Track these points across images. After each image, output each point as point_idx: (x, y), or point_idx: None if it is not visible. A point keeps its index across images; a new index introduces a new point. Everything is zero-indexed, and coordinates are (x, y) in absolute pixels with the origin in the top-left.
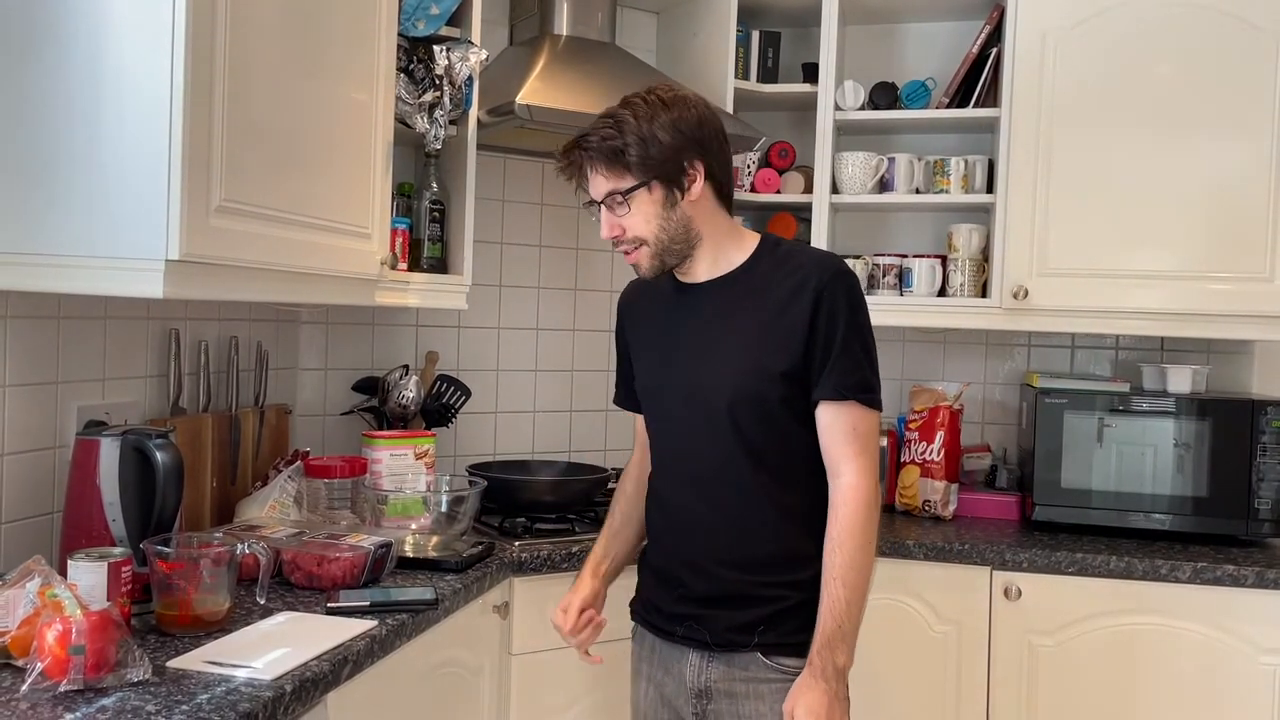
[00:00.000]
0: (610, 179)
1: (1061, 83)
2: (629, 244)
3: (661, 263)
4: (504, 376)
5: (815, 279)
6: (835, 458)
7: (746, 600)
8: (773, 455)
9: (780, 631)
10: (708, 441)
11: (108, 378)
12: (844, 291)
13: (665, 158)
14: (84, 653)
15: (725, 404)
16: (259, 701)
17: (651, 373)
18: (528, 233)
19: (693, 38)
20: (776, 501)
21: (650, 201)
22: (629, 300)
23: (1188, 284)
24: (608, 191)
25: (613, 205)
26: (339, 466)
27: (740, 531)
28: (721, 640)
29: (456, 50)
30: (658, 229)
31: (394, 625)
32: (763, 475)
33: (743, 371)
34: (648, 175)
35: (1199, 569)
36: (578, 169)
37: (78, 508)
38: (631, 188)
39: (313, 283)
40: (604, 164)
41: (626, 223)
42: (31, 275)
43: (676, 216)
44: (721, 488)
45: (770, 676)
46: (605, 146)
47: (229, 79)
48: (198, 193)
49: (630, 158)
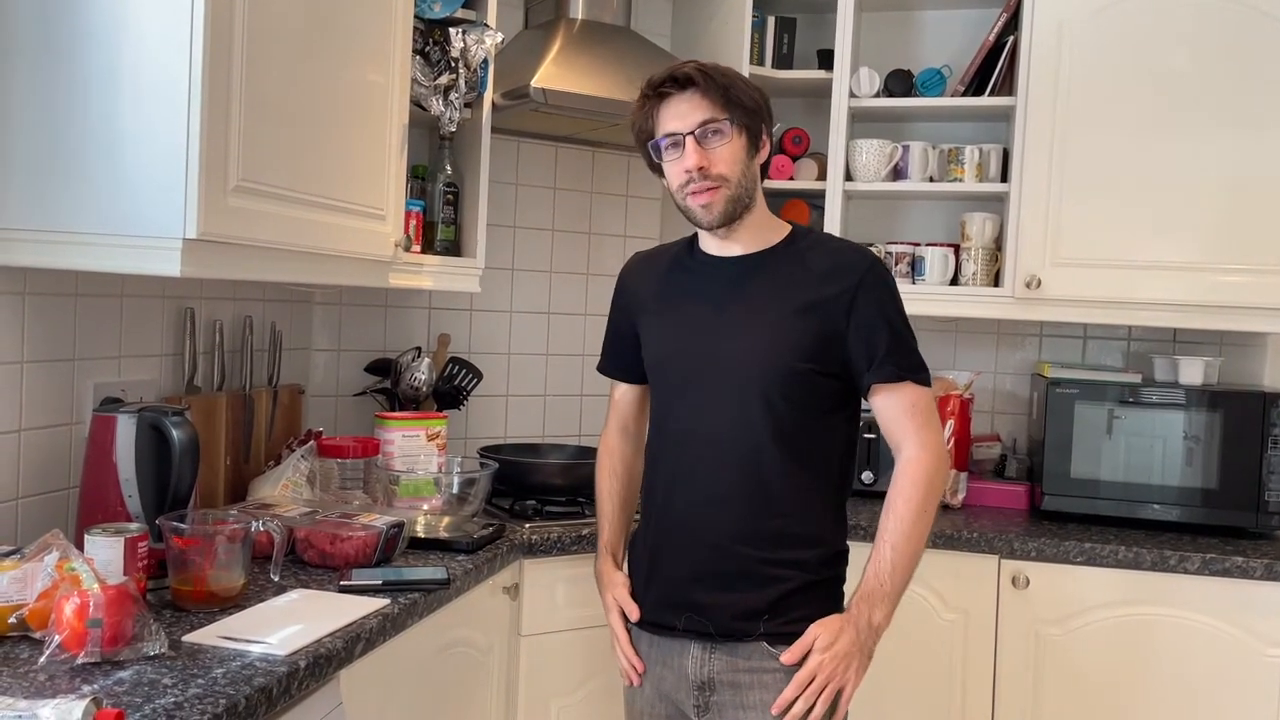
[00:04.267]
0: (714, 108)
1: (1078, 72)
2: (713, 180)
3: (733, 209)
4: (515, 360)
5: (855, 266)
6: (897, 435)
7: (752, 580)
8: (793, 430)
9: (785, 619)
10: (728, 412)
11: (124, 355)
12: (884, 280)
13: (756, 112)
14: (101, 626)
15: (755, 374)
16: (273, 676)
17: (674, 342)
18: (540, 216)
19: (708, 22)
20: (792, 476)
21: (739, 144)
22: (636, 270)
23: (1201, 276)
24: (707, 119)
25: (708, 135)
26: (352, 447)
27: (753, 504)
28: (725, 629)
29: (472, 33)
30: (740, 173)
31: (406, 604)
32: (780, 449)
33: (771, 344)
34: (745, 119)
35: (1208, 560)
36: (679, 85)
37: (94, 484)
38: (731, 120)
39: (327, 263)
40: (715, 92)
41: (716, 155)
42: (51, 252)
43: (751, 170)
44: (738, 459)
45: (775, 666)
46: (717, 76)
47: (246, 60)
48: (215, 172)
49: (737, 95)
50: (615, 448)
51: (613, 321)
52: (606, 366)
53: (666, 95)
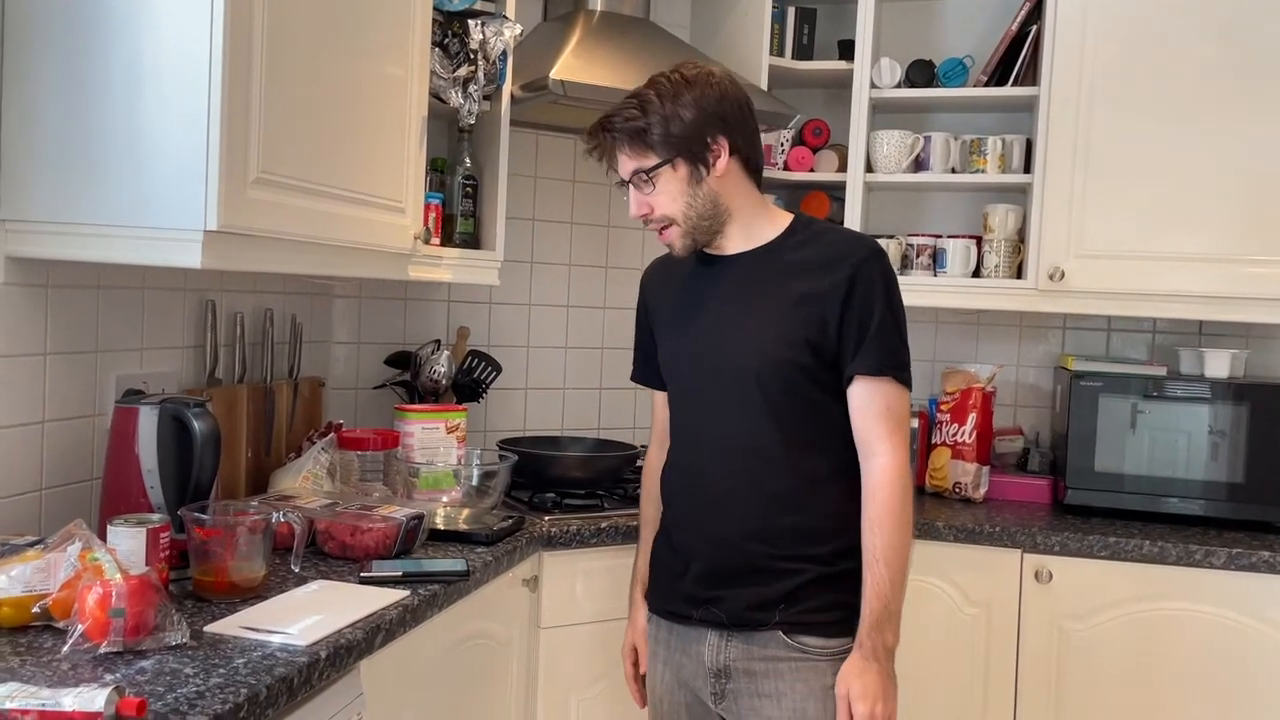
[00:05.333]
0: (635, 158)
1: (1102, 62)
2: (658, 222)
3: (693, 240)
4: (534, 353)
5: (851, 255)
6: (870, 437)
7: (765, 575)
8: (797, 424)
9: (801, 609)
10: (732, 409)
11: (145, 348)
12: (880, 270)
13: (688, 135)
14: (124, 616)
15: (752, 370)
16: (294, 666)
17: (677, 343)
18: (559, 209)
19: (728, 13)
20: (799, 471)
21: (675, 179)
22: (651, 276)
23: (1227, 267)
24: (633, 170)
25: (640, 184)
26: (372, 439)
27: (762, 501)
28: (740, 619)
29: (491, 25)
30: (685, 206)
31: (426, 595)
32: (786, 444)
33: (770, 338)
34: (671, 153)
35: (1234, 555)
36: (605, 149)
37: (116, 475)
38: (655, 166)
39: (347, 256)
40: (628, 144)
41: (654, 201)
42: (73, 244)
43: (704, 193)
44: (745, 456)
45: (791, 655)
46: (629, 126)
47: (266, 53)
48: (235, 165)
49: (653, 136)
50: (656, 467)
51: (637, 328)
52: (637, 374)
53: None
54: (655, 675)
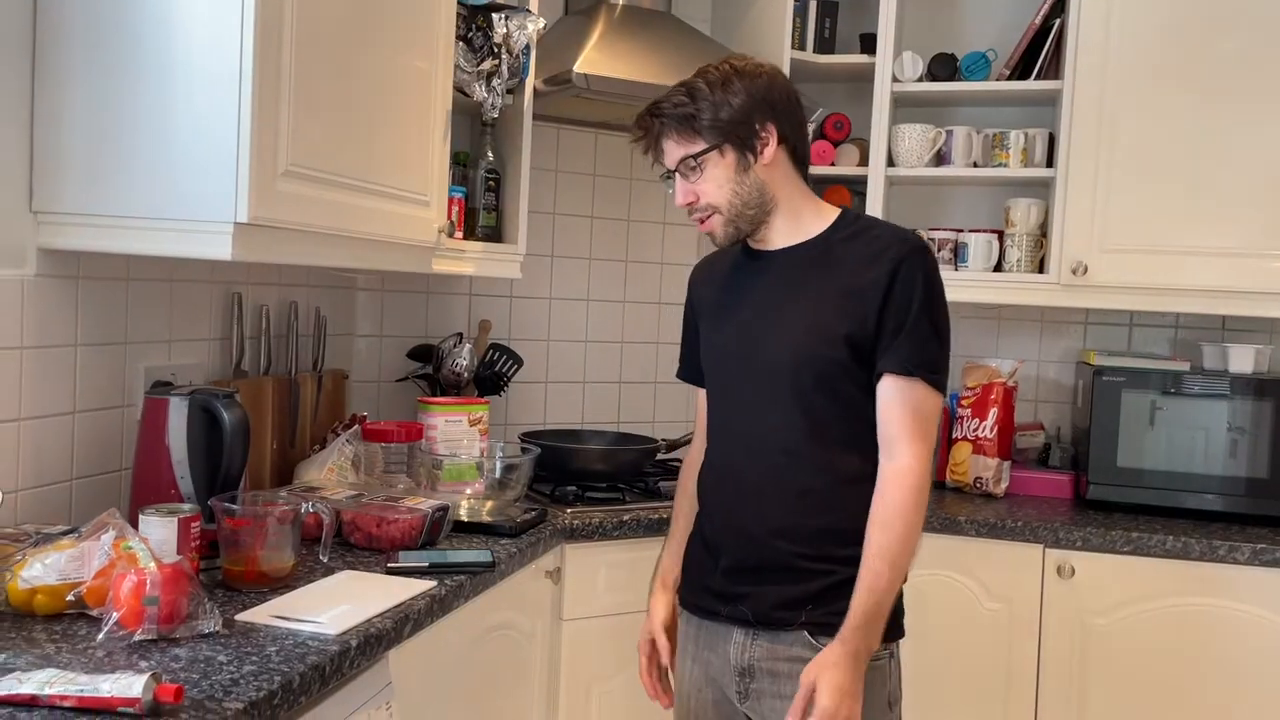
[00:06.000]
0: (683, 144)
1: (1126, 55)
2: (702, 211)
3: (736, 229)
4: (555, 346)
5: (894, 251)
6: (892, 436)
7: (793, 574)
8: (833, 422)
9: (827, 610)
10: (766, 404)
11: (173, 339)
12: (923, 268)
13: (736, 120)
14: (158, 604)
15: (788, 365)
16: (325, 655)
17: (717, 339)
18: (580, 203)
19: (749, 7)
20: (831, 470)
21: (723, 166)
22: (698, 273)
23: (1250, 262)
24: (680, 158)
25: (686, 172)
26: (396, 431)
27: (791, 498)
28: (765, 618)
29: (515, 19)
30: (731, 194)
31: (453, 586)
32: (821, 442)
33: (807, 334)
34: (719, 139)
35: (1258, 550)
36: (653, 138)
37: (146, 465)
38: (703, 151)
39: (373, 249)
40: (676, 130)
41: (700, 189)
42: (105, 237)
43: (750, 181)
44: (778, 453)
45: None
46: (677, 112)
47: (296, 47)
48: (265, 157)
49: (702, 122)
50: (695, 463)
51: (684, 326)
52: (683, 371)
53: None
54: (684, 671)
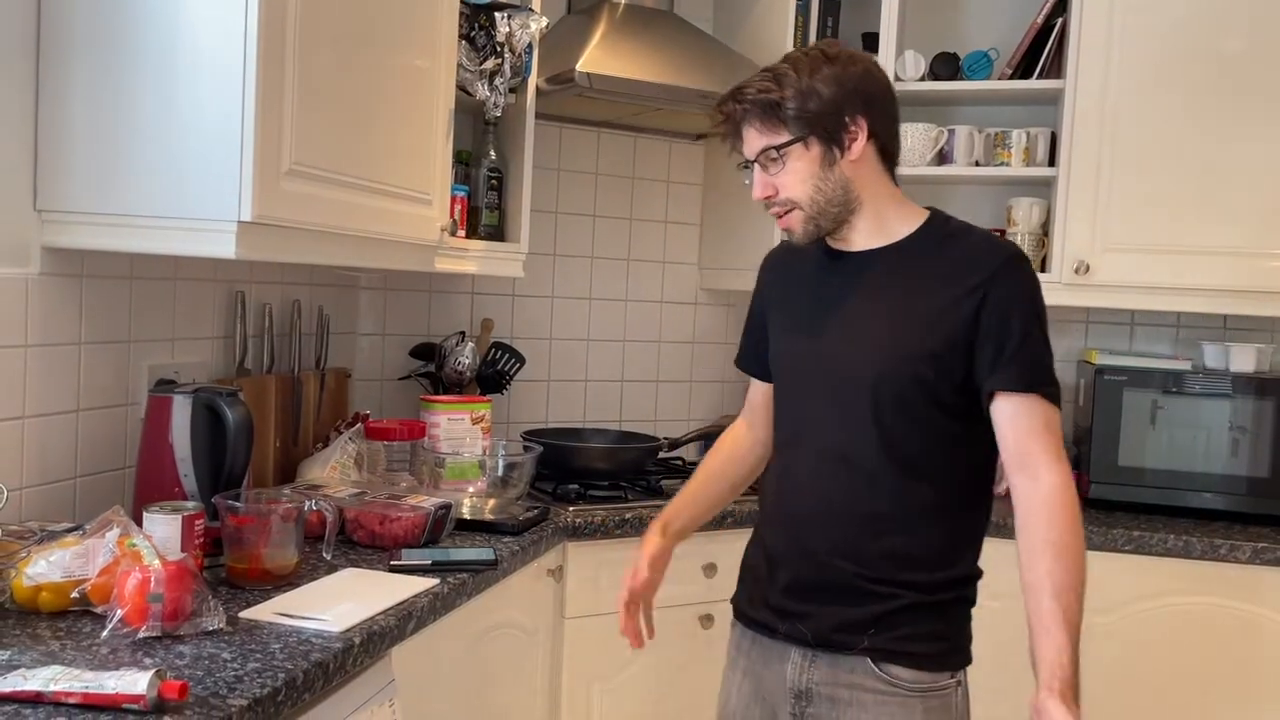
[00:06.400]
0: (765, 134)
1: (1128, 55)
2: (780, 206)
3: (816, 227)
4: (557, 345)
5: (989, 261)
6: (1032, 457)
7: (856, 595)
8: (907, 444)
9: (893, 636)
10: (837, 420)
11: (177, 338)
12: (1024, 278)
13: (825, 112)
14: (162, 601)
15: (866, 381)
16: (329, 652)
17: (788, 340)
18: (582, 202)
19: (752, 6)
20: (902, 494)
21: (806, 159)
22: (774, 262)
23: (1252, 261)
24: (762, 148)
25: (766, 163)
26: (398, 429)
27: (855, 520)
28: (825, 640)
29: (517, 17)
30: (813, 190)
31: (455, 584)
32: (894, 463)
33: (889, 349)
34: (805, 130)
35: (1259, 549)
36: (733, 124)
37: (150, 463)
38: (787, 143)
39: (376, 247)
40: (759, 118)
41: (780, 182)
42: (109, 235)
43: (835, 177)
44: (844, 471)
45: (878, 687)
46: (762, 99)
47: (299, 46)
48: (269, 156)
49: (787, 111)
50: (736, 434)
51: (749, 313)
52: (742, 360)
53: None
54: (733, 684)
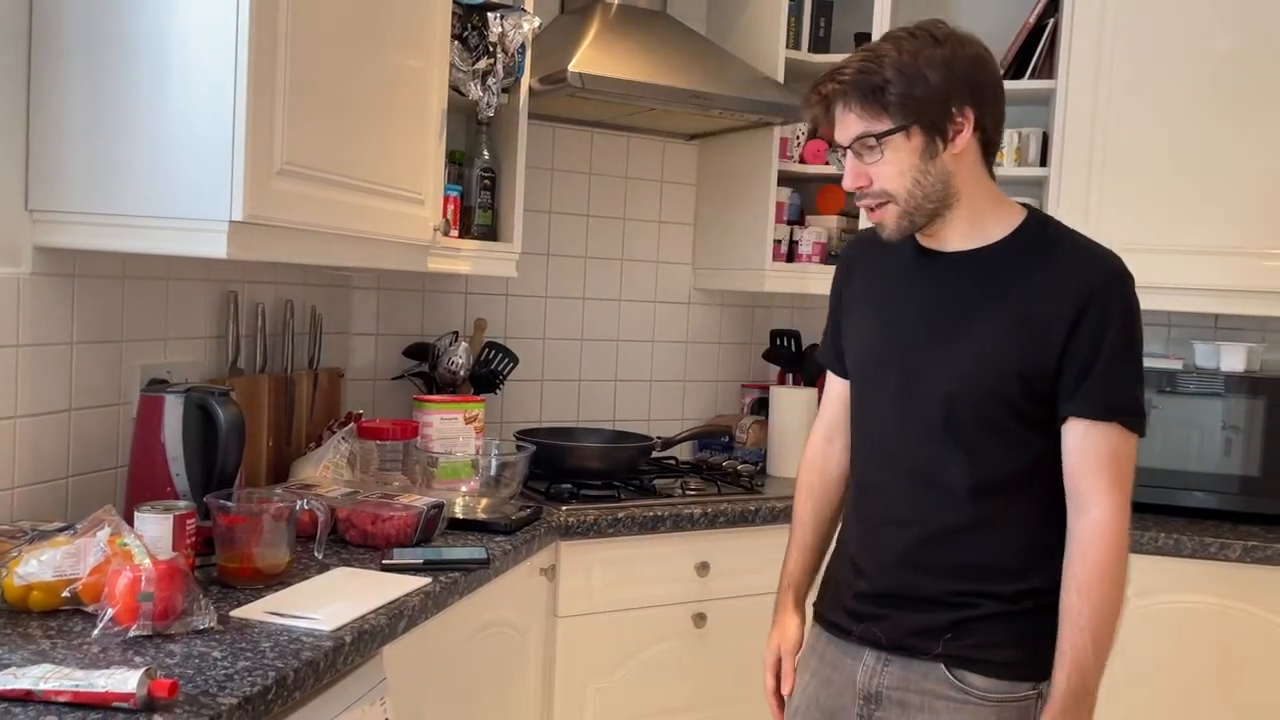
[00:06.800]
0: (865, 119)
1: (1120, 55)
2: (874, 198)
3: (910, 223)
4: (550, 345)
5: (1089, 274)
6: (1085, 487)
7: (933, 603)
8: (988, 460)
9: (969, 642)
10: (916, 430)
11: (169, 337)
12: (1122, 296)
13: (931, 100)
14: (153, 600)
15: (947, 393)
16: (320, 651)
17: (869, 341)
18: (575, 202)
19: (745, 6)
20: (980, 510)
21: (906, 150)
22: (858, 253)
23: (1243, 261)
24: (859, 134)
25: (861, 150)
26: (391, 429)
27: (931, 534)
28: (899, 643)
29: (510, 17)
30: (911, 183)
31: (447, 583)
32: (973, 478)
33: (975, 363)
34: (909, 118)
35: (1249, 548)
36: (825, 105)
37: (142, 462)
38: (888, 131)
39: (369, 247)
40: (860, 102)
41: (876, 172)
42: (101, 235)
43: (935, 171)
44: (922, 484)
45: (950, 694)
46: (863, 81)
47: (291, 46)
48: (261, 156)
49: (890, 96)
50: (817, 462)
51: (831, 307)
52: (824, 354)
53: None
54: (801, 684)
